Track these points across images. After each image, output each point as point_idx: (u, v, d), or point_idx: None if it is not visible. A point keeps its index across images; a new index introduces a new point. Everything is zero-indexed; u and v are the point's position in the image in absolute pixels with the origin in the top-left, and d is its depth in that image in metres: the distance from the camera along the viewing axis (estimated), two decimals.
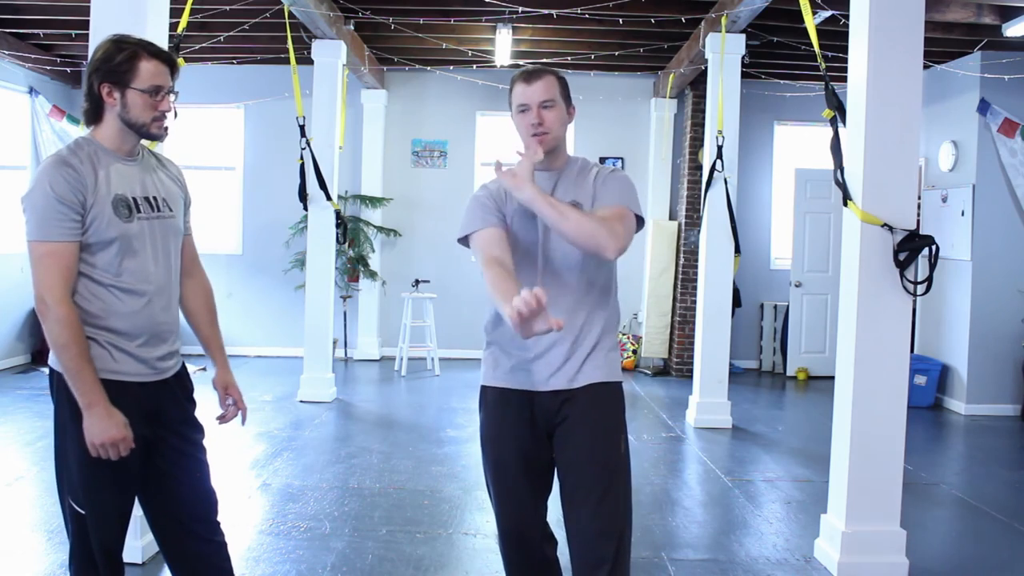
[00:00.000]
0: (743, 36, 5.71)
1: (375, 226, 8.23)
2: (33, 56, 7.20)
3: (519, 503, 2.25)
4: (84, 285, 2.03)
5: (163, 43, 3.31)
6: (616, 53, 7.18)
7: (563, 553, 2.27)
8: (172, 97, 2.10)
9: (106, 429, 1.95)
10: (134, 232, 2.05)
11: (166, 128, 2.12)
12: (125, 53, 2.02)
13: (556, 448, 2.21)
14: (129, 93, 2.03)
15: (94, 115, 2.07)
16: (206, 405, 2.33)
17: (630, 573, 2.17)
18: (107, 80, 2.02)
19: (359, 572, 3.20)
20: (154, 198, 2.13)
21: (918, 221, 6.84)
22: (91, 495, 2.03)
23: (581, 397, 2.19)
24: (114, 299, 2.04)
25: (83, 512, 2.03)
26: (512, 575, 2.34)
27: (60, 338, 1.94)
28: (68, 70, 7.87)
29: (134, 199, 2.07)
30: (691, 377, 6.27)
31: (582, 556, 2.12)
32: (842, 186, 3.38)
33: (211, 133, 8.30)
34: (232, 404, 2.32)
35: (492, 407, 2.27)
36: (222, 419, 2.32)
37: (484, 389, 2.30)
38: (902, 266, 3.24)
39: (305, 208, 6.20)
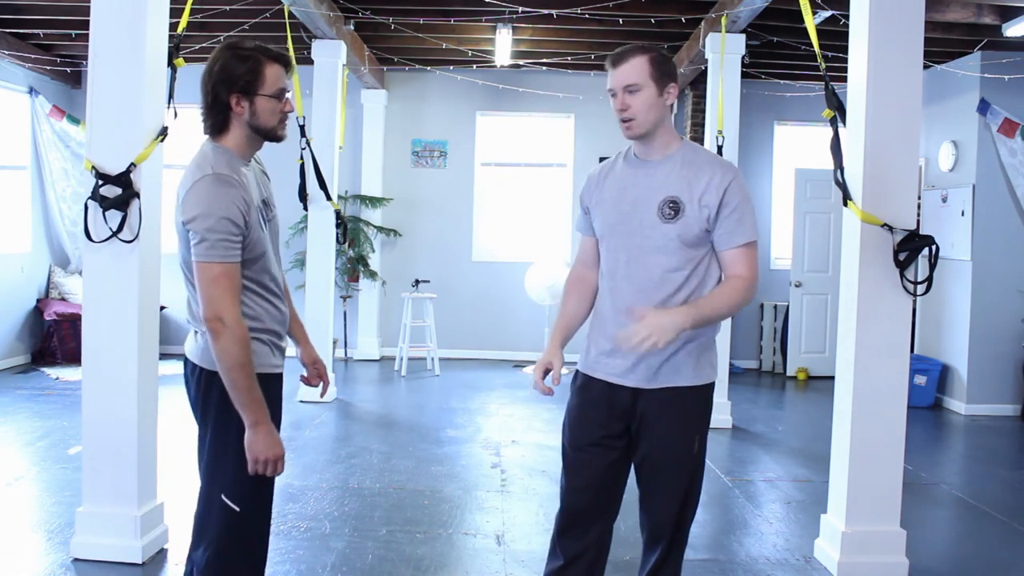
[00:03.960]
0: (743, 36, 5.71)
1: (375, 226, 8.23)
2: (33, 56, 7.20)
3: (581, 482, 2.28)
4: (246, 295, 2.10)
5: (163, 43, 3.31)
6: None
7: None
8: (291, 95, 2.15)
9: (271, 446, 2.04)
10: (268, 239, 2.16)
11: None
12: (249, 62, 2.05)
13: (633, 442, 2.25)
14: (258, 100, 2.07)
15: (221, 126, 2.10)
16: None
17: (680, 566, 2.31)
18: (235, 90, 2.05)
19: (359, 572, 3.20)
20: (266, 200, 2.20)
21: (918, 221, 6.84)
22: (252, 492, 2.13)
23: (658, 399, 2.18)
24: (266, 303, 2.16)
25: (237, 508, 2.10)
26: (563, 553, 2.31)
27: (238, 357, 1.99)
28: (68, 70, 7.86)
29: (260, 205, 2.14)
30: None
31: (645, 544, 2.30)
32: (842, 186, 3.37)
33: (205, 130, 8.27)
34: (320, 375, 2.46)
35: (576, 391, 2.33)
36: (321, 390, 2.45)
37: (575, 372, 2.36)
38: (902, 266, 3.24)
39: (305, 208, 6.19)
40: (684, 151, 2.19)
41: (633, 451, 2.26)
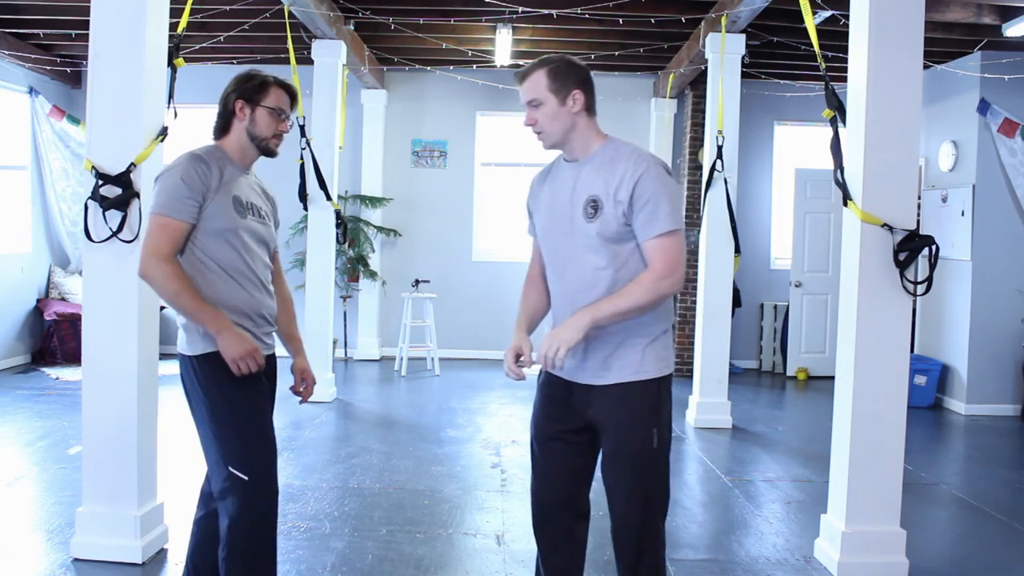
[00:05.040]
0: (743, 36, 5.71)
1: (375, 226, 8.23)
2: (33, 56, 7.20)
3: (545, 476, 2.35)
4: (212, 272, 2.31)
5: (163, 43, 3.31)
6: (616, 53, 7.18)
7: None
8: (289, 123, 2.47)
9: (239, 343, 2.25)
10: (244, 227, 2.37)
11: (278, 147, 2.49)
12: (258, 79, 2.42)
13: (597, 440, 2.28)
14: (258, 110, 2.41)
15: (223, 128, 2.44)
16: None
17: (662, 564, 2.27)
18: (241, 97, 2.41)
19: (359, 572, 3.20)
20: (256, 206, 2.47)
21: (918, 221, 6.84)
22: (250, 453, 2.31)
23: (610, 395, 2.21)
24: (235, 284, 2.35)
25: (246, 477, 2.28)
26: (538, 545, 2.40)
27: (171, 286, 2.22)
28: (68, 70, 7.87)
29: (246, 202, 2.41)
30: (691, 377, 6.27)
31: (615, 545, 2.28)
32: (842, 186, 3.37)
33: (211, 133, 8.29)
34: (305, 385, 2.66)
35: (540, 387, 2.38)
36: (302, 397, 2.67)
37: (540, 369, 2.39)
38: (902, 266, 3.24)
39: (305, 208, 6.20)
40: (605, 150, 2.23)
41: (599, 450, 2.29)
